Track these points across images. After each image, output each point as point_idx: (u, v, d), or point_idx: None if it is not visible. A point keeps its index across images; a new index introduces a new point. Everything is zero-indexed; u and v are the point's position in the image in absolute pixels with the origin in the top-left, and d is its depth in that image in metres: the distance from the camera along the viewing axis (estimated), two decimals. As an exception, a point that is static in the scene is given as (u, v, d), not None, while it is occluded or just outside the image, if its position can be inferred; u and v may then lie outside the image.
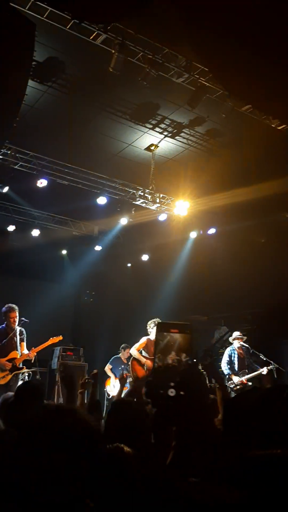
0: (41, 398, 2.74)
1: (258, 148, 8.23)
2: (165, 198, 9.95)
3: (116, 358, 9.36)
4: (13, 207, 10.58)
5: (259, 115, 7.36)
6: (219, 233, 10.78)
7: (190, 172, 9.26)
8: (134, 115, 7.85)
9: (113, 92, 7.26)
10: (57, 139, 8.53)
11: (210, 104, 7.07)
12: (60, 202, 10.30)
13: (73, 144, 8.67)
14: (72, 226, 11.69)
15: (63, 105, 7.56)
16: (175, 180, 9.50)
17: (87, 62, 6.66)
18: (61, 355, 10.09)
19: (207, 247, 10.83)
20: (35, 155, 8.68)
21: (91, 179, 9.36)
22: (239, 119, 7.47)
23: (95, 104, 7.58)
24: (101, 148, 8.86)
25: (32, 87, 6.87)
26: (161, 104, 7.55)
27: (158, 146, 8.71)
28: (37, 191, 9.09)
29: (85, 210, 10.60)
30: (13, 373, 6.51)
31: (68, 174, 9.07)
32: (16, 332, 6.70)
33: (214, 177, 9.22)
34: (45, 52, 6.36)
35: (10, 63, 4.28)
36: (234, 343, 8.17)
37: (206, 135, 8.32)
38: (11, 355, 6.59)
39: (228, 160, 8.82)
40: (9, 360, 6.55)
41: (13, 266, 11.54)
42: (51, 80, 6.99)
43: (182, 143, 8.64)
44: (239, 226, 10.42)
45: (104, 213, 10.47)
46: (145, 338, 7.50)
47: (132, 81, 6.63)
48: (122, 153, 9.03)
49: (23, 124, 7.04)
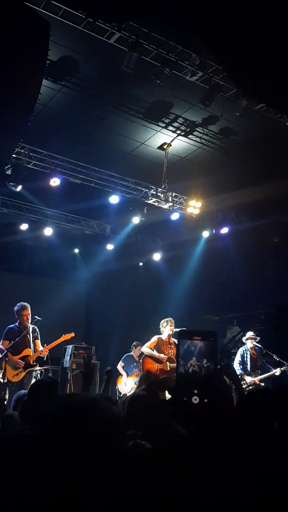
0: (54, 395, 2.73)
1: (272, 146, 8.16)
2: (178, 197, 9.92)
3: (128, 356, 9.37)
4: (26, 205, 10.65)
5: (274, 114, 7.30)
6: (232, 232, 10.73)
7: (203, 171, 9.23)
8: (147, 113, 7.84)
9: (126, 90, 7.26)
10: (70, 138, 8.56)
11: (223, 102, 7.03)
12: (73, 201, 10.34)
13: (86, 143, 8.70)
14: (85, 225, 11.72)
15: (76, 104, 7.58)
16: (188, 179, 9.47)
17: (100, 61, 6.67)
18: (73, 354, 10.10)
19: (220, 246, 10.78)
20: (48, 154, 8.73)
21: (104, 178, 9.38)
22: (253, 118, 7.42)
23: (108, 102, 7.59)
24: (113, 147, 8.87)
25: (46, 86, 6.89)
26: (174, 103, 7.52)
27: (171, 145, 8.69)
28: (50, 190, 9.14)
29: (97, 209, 10.63)
30: (27, 371, 6.56)
31: (81, 173, 9.10)
32: (29, 330, 6.74)
33: (227, 176, 9.18)
34: (59, 51, 6.38)
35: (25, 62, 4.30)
36: (247, 343, 8.11)
37: (219, 133, 8.27)
38: (24, 353, 6.63)
39: (241, 159, 8.77)
40: (22, 357, 6.60)
41: (26, 265, 11.61)
42: (64, 79, 7.01)
43: (195, 142, 8.60)
44: (252, 225, 10.36)
45: (117, 212, 10.49)
46: (156, 337, 7.49)
47: (146, 80, 6.62)
48: (134, 152, 9.03)
49: (36, 123, 7.07)
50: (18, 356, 6.59)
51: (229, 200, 9.95)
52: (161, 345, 7.43)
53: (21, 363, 6.56)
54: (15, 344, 6.53)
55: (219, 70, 6.55)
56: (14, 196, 10.05)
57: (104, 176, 9.38)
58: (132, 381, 8.99)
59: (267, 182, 8.54)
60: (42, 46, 4.60)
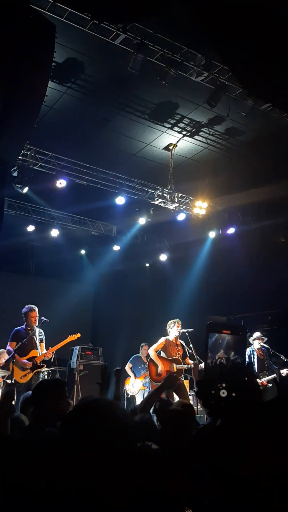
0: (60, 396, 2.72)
1: (277, 146, 8.14)
2: (184, 197, 9.91)
3: (137, 357, 9.35)
4: (33, 207, 10.69)
5: (279, 114, 7.27)
6: (238, 232, 10.70)
7: (209, 172, 9.21)
8: (153, 114, 7.83)
9: (131, 92, 7.26)
10: (76, 139, 8.58)
11: (229, 102, 7.02)
12: (79, 202, 10.36)
13: (92, 144, 8.72)
14: (91, 226, 11.74)
15: (82, 105, 7.60)
16: (194, 179, 9.46)
17: (106, 62, 6.68)
18: (80, 355, 10.13)
19: (226, 247, 10.75)
20: (54, 156, 8.75)
21: (110, 179, 9.40)
22: (259, 118, 7.40)
23: (114, 104, 7.60)
24: (119, 148, 8.88)
25: (52, 88, 6.92)
26: (180, 103, 7.52)
27: (177, 145, 8.68)
28: (56, 192, 9.17)
29: (103, 210, 10.64)
30: (34, 372, 6.63)
31: (87, 174, 9.12)
32: (36, 332, 6.82)
33: (233, 176, 9.16)
34: (64, 53, 6.40)
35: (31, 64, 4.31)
36: (254, 343, 8.08)
37: (225, 134, 8.25)
38: (31, 354, 6.70)
39: (247, 159, 8.75)
40: (29, 359, 6.67)
41: (33, 266, 11.65)
42: (70, 80, 7.03)
43: (201, 142, 8.59)
44: (258, 225, 10.33)
45: (123, 213, 10.49)
46: (164, 339, 7.47)
47: (151, 81, 6.63)
48: (140, 153, 9.03)
49: (42, 125, 7.10)
50: (25, 357, 6.64)
51: (235, 200, 9.92)
52: (169, 346, 7.42)
53: (29, 364, 6.62)
54: (22, 346, 6.58)
55: (225, 70, 6.54)
56: (20, 198, 10.09)
57: (110, 177, 9.39)
58: (140, 382, 8.96)
59: (273, 182, 8.51)
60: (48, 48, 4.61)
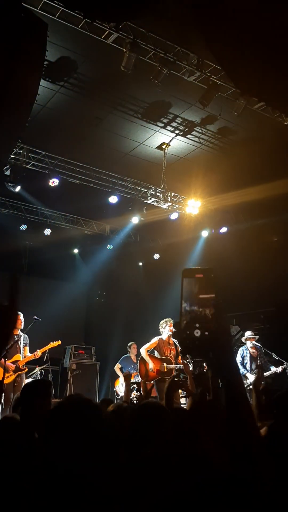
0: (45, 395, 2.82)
1: (270, 146, 8.17)
2: (177, 197, 9.93)
3: (126, 358, 9.31)
4: (25, 206, 10.65)
5: (272, 113, 7.30)
6: (231, 231, 10.74)
7: (202, 171, 9.22)
8: (146, 113, 7.84)
9: (124, 91, 7.26)
10: (69, 138, 8.56)
11: (222, 102, 7.04)
12: (72, 201, 10.34)
13: (85, 143, 8.70)
14: (84, 225, 11.73)
15: (75, 104, 7.58)
16: (187, 178, 9.47)
17: (98, 61, 6.66)
18: (73, 354, 10.12)
19: (219, 246, 10.78)
20: (47, 155, 8.73)
21: (103, 178, 9.39)
22: (251, 117, 7.42)
23: (107, 103, 7.59)
24: (112, 147, 8.87)
25: (44, 86, 6.89)
26: (173, 103, 7.52)
27: (170, 144, 8.69)
28: (49, 190, 9.14)
29: (96, 209, 10.63)
30: (16, 374, 7.03)
31: (80, 173, 9.10)
32: (21, 337, 7.18)
33: (226, 175, 9.18)
34: (57, 51, 6.38)
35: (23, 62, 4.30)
36: (247, 343, 8.12)
37: (218, 133, 8.27)
38: (14, 358, 7.08)
39: (240, 159, 8.77)
40: (13, 362, 7.07)
41: (26, 265, 11.61)
42: (63, 79, 7.01)
43: (194, 142, 8.60)
44: (251, 224, 10.37)
45: (116, 212, 10.49)
46: (157, 338, 7.48)
47: (144, 80, 6.62)
48: (133, 152, 9.03)
49: (35, 124, 7.08)
50: (9, 361, 7.00)
51: (228, 199, 9.94)
52: (162, 346, 7.43)
53: (12, 367, 6.98)
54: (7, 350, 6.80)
55: (217, 70, 6.55)
56: (12, 197, 10.06)
57: (103, 176, 9.38)
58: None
59: (266, 181, 8.54)
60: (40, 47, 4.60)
